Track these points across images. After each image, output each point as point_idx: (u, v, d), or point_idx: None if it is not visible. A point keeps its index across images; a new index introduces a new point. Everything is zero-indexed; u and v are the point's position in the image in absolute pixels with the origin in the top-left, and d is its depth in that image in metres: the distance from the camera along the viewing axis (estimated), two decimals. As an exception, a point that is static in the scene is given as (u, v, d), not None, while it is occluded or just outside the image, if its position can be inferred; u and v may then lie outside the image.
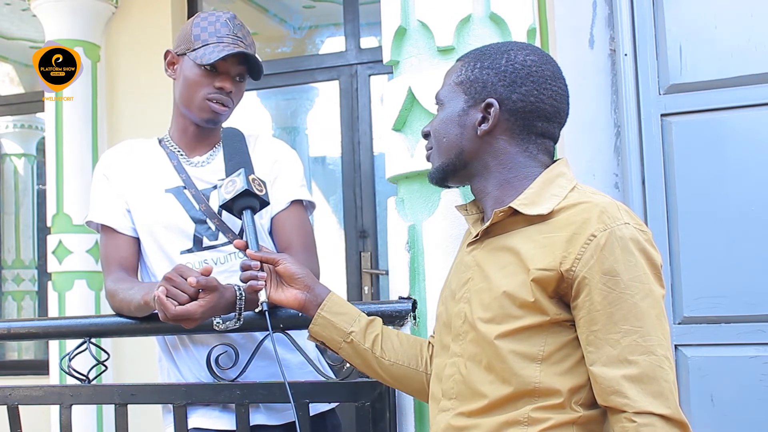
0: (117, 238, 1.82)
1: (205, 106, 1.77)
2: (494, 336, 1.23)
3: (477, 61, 1.33)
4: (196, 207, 1.79)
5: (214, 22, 1.77)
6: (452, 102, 1.34)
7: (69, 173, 4.06)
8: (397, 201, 1.73)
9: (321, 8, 4.99)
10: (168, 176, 1.82)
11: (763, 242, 2.33)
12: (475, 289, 1.29)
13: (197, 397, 1.75)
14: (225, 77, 1.76)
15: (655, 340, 1.16)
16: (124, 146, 1.92)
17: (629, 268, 1.17)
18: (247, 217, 1.55)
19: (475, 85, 1.31)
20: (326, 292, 1.50)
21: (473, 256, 1.33)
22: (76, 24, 4.08)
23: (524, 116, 1.29)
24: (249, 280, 1.46)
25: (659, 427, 1.13)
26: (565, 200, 1.26)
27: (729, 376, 2.34)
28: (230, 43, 1.74)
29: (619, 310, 1.16)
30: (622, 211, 1.22)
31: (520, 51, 1.32)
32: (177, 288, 1.49)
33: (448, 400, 1.31)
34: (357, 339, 1.46)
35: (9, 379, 4.42)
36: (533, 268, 1.21)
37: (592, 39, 2.67)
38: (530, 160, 1.31)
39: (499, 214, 1.28)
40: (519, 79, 1.29)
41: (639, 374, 1.15)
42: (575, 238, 1.20)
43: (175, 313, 1.48)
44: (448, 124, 1.34)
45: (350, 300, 1.77)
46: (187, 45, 1.78)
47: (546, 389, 1.20)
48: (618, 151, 2.59)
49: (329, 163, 5.22)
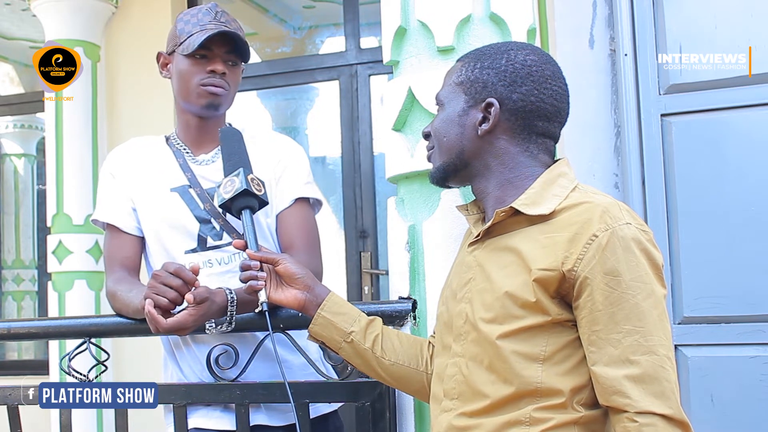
0: (121, 238, 1.82)
1: (202, 92, 1.76)
2: (496, 336, 1.23)
3: (477, 62, 1.33)
4: (200, 206, 1.79)
5: (196, 14, 1.78)
6: (452, 102, 1.34)
7: (69, 173, 4.06)
8: (397, 201, 1.73)
9: (321, 8, 4.99)
10: (173, 175, 1.82)
11: (763, 242, 2.33)
12: (476, 289, 1.29)
13: (197, 397, 1.75)
14: (215, 60, 1.76)
15: (656, 340, 1.16)
16: (131, 144, 1.92)
17: (631, 269, 1.17)
18: (246, 216, 1.55)
19: (476, 85, 1.31)
20: (326, 292, 1.49)
21: (474, 256, 1.33)
22: (76, 24, 4.08)
23: (525, 116, 1.29)
24: (249, 280, 1.46)
25: (661, 428, 1.13)
26: (566, 200, 1.25)
27: (729, 376, 2.34)
28: (214, 28, 1.75)
29: (620, 310, 1.17)
30: (624, 211, 1.22)
31: (521, 51, 1.32)
32: (164, 284, 1.50)
33: (450, 400, 1.31)
34: (357, 339, 1.46)
35: (9, 379, 4.42)
36: (535, 268, 1.21)
37: (592, 39, 2.67)
38: (531, 160, 1.31)
39: (500, 214, 1.28)
40: (519, 79, 1.29)
41: (641, 374, 1.15)
42: (577, 238, 1.20)
43: (167, 326, 1.49)
44: (449, 124, 1.34)
45: (350, 300, 1.77)
46: (174, 42, 1.79)
47: (548, 389, 1.20)
48: (618, 151, 2.59)
49: (329, 163, 5.21)
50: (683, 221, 2.41)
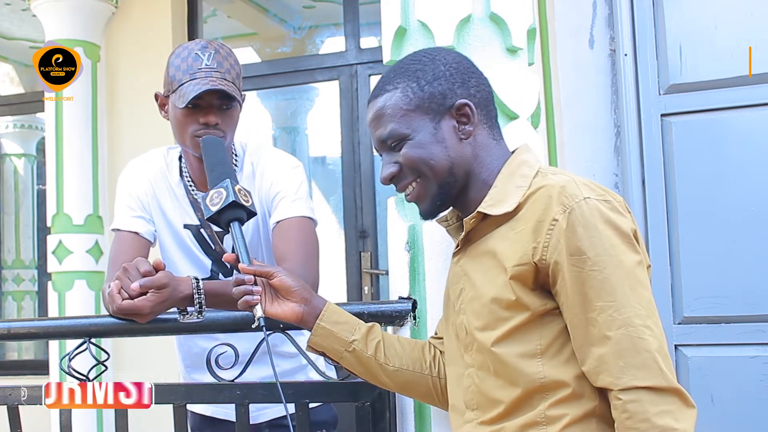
0: (130, 243, 1.82)
1: (196, 143, 1.72)
2: (491, 343, 1.24)
3: (417, 80, 1.31)
4: (212, 247, 1.84)
5: (186, 58, 1.72)
6: (418, 128, 1.30)
7: (69, 173, 4.06)
8: (397, 201, 1.73)
9: (321, 8, 4.99)
10: (186, 212, 1.85)
11: (763, 242, 2.33)
12: (467, 299, 1.31)
13: (197, 397, 1.75)
14: (207, 111, 1.71)
15: (630, 311, 1.14)
16: (150, 165, 1.90)
17: (594, 244, 1.16)
18: (235, 229, 1.49)
19: (433, 100, 1.30)
20: (323, 303, 1.47)
21: (461, 266, 1.34)
22: (76, 24, 4.08)
23: (484, 104, 1.33)
24: (243, 296, 1.40)
25: (646, 401, 1.11)
26: (530, 189, 1.26)
27: (729, 376, 2.34)
28: (203, 77, 1.69)
29: (590, 289, 1.16)
30: (581, 185, 1.21)
31: (442, 53, 1.36)
32: (129, 279, 1.51)
33: (471, 411, 1.31)
34: (359, 347, 1.44)
35: (9, 379, 4.41)
36: (509, 266, 1.22)
37: (592, 39, 2.67)
38: (497, 149, 1.34)
39: (470, 222, 1.29)
40: (465, 75, 1.32)
41: (618, 349, 1.13)
42: (540, 226, 1.20)
43: (121, 306, 1.49)
44: (427, 147, 1.30)
45: (350, 300, 1.76)
46: (168, 87, 1.76)
47: (552, 382, 1.20)
48: (618, 151, 2.59)
49: (329, 163, 5.22)
50: (683, 221, 2.41)
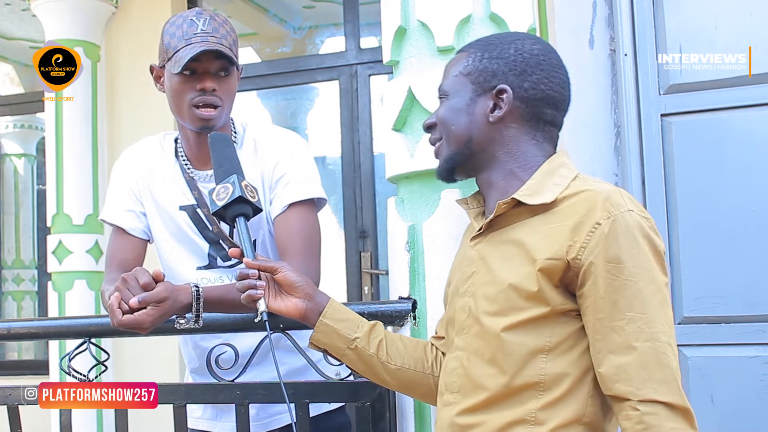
0: (124, 240, 1.80)
1: (193, 114, 1.69)
2: (501, 329, 1.23)
3: (484, 52, 1.34)
4: (209, 228, 1.78)
5: (181, 25, 1.68)
6: (459, 92, 1.34)
7: (69, 173, 4.06)
8: (397, 201, 1.73)
9: (321, 8, 4.99)
10: (182, 192, 1.80)
11: (763, 242, 2.33)
12: (479, 283, 1.30)
13: (197, 397, 1.75)
14: (204, 76, 1.67)
15: (658, 327, 1.16)
16: (144, 149, 1.87)
17: (633, 256, 1.17)
18: (240, 224, 1.49)
19: (484, 74, 1.32)
20: (326, 300, 1.46)
21: (477, 250, 1.33)
22: (76, 24, 4.08)
23: (535, 104, 1.31)
24: (247, 290, 1.40)
25: (663, 416, 1.13)
26: (567, 189, 1.26)
27: (729, 376, 2.33)
28: (199, 42, 1.65)
29: (623, 297, 1.17)
30: (626, 197, 1.22)
31: (527, 40, 1.34)
32: (129, 291, 1.47)
33: (451, 393, 1.31)
34: (362, 345, 1.44)
35: (9, 379, 4.42)
36: (540, 258, 1.21)
37: (592, 39, 2.67)
38: (537, 149, 1.32)
39: (502, 206, 1.28)
40: (529, 68, 1.31)
41: (643, 361, 1.15)
42: (580, 226, 1.20)
43: (122, 321, 1.46)
44: (456, 113, 1.33)
45: (350, 300, 1.76)
46: (163, 56, 1.71)
47: (551, 381, 1.21)
48: (618, 151, 2.59)
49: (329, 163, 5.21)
50: (683, 221, 2.41)
